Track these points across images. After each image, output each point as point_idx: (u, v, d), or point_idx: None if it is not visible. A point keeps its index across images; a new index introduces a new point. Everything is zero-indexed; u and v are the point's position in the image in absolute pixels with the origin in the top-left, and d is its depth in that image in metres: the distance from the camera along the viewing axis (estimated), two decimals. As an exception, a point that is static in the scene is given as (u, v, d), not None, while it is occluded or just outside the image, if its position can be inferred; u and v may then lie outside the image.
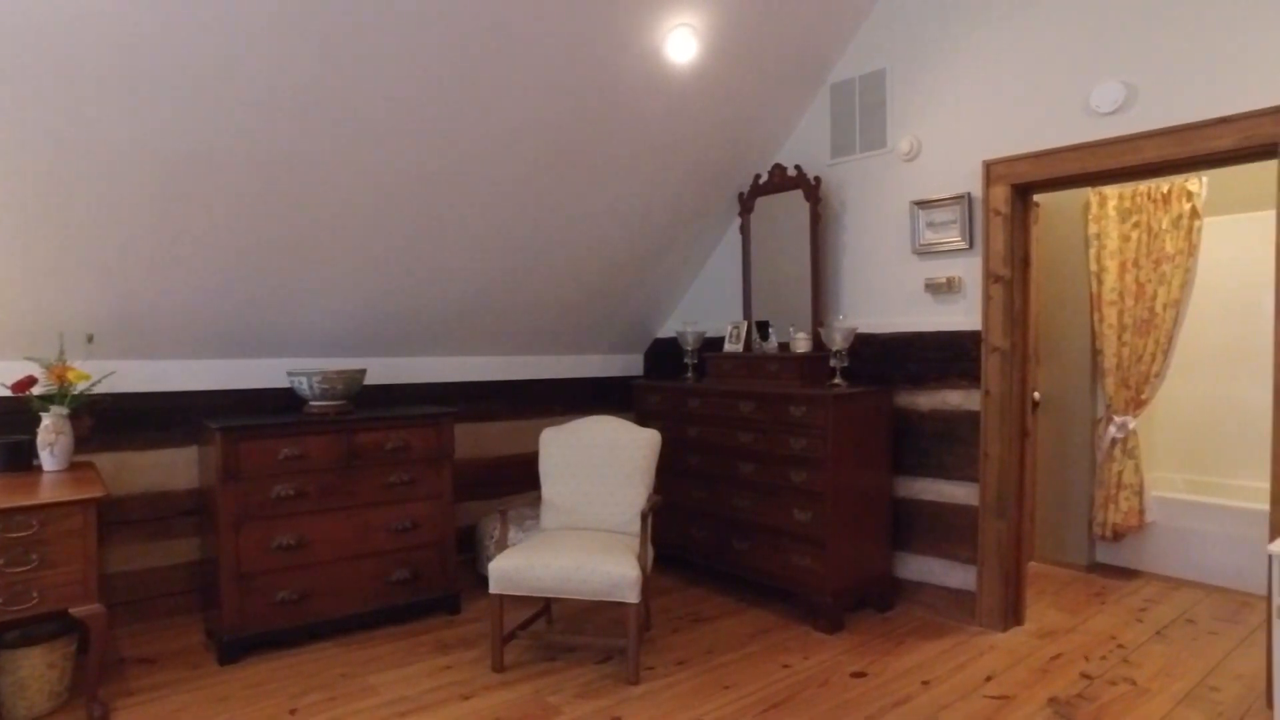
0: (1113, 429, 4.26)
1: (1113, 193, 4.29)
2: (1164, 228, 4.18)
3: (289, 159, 3.02)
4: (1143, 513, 4.24)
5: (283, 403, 3.79)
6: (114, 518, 3.40)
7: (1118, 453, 4.25)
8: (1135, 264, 4.25)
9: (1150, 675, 3.01)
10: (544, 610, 3.52)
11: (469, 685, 2.94)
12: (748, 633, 3.46)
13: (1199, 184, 4.11)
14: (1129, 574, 4.28)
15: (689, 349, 4.43)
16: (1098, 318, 4.33)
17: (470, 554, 4.35)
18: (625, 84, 3.49)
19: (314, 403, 3.49)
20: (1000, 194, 3.41)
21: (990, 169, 3.43)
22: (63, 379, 2.94)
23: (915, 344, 3.72)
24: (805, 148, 4.20)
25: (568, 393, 4.95)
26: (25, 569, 2.47)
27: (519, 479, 4.68)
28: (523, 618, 3.41)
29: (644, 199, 4.16)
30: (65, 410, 2.94)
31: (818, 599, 3.47)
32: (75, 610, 2.55)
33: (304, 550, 3.28)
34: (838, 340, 3.62)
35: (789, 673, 3.05)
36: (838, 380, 3.63)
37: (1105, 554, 4.42)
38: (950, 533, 3.61)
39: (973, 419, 3.51)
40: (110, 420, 3.37)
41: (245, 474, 3.15)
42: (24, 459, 2.99)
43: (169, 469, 3.54)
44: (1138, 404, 4.23)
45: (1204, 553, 4.12)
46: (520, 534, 3.93)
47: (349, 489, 3.39)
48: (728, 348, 4.29)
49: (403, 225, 3.52)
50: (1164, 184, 4.17)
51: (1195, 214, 4.11)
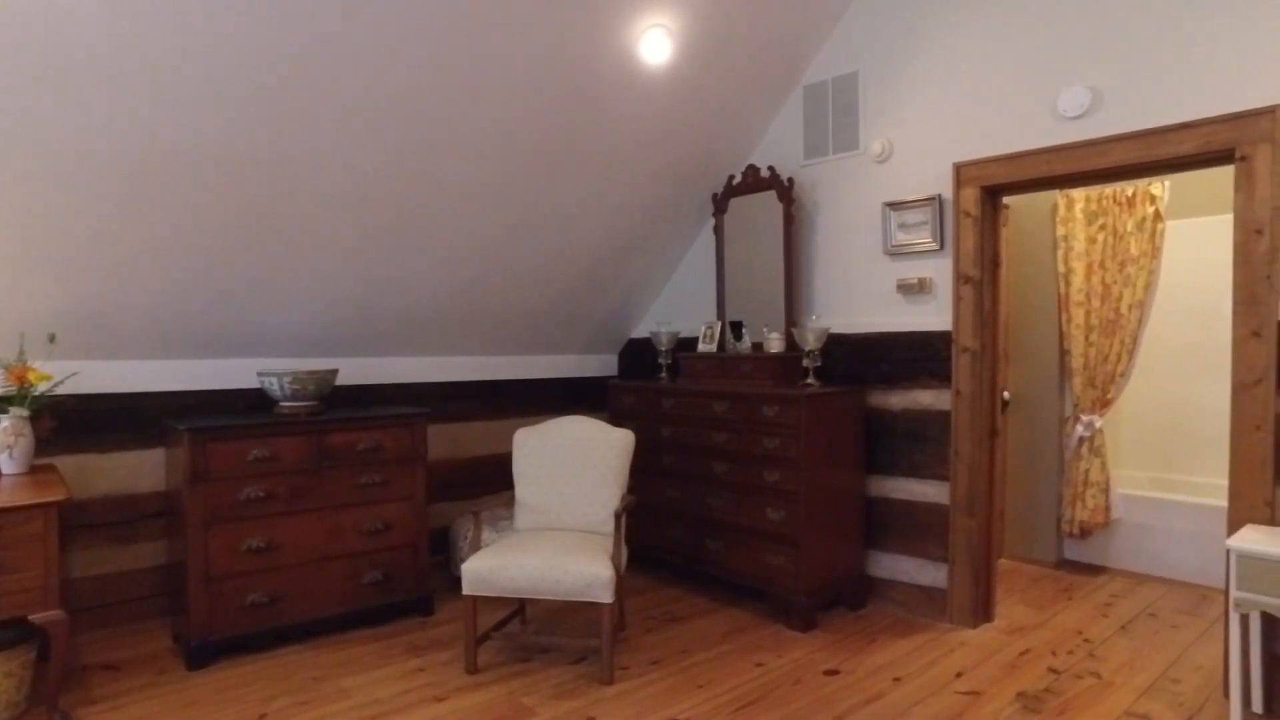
0: (1080, 428, 4.34)
1: (1080, 195, 4.37)
2: (1129, 230, 4.26)
3: (258, 155, 2.98)
4: (1109, 510, 4.32)
5: (253, 403, 3.74)
6: (77, 521, 3.33)
7: (1085, 451, 4.32)
8: (1101, 265, 4.33)
9: (1115, 668, 3.07)
10: (518, 611, 3.51)
11: (442, 687, 2.92)
12: (722, 632, 3.47)
13: (1162, 188, 4.20)
14: (1096, 570, 4.36)
15: (663, 349, 4.44)
16: (1065, 318, 4.40)
17: (444, 555, 4.32)
18: (600, 84, 3.48)
19: (285, 403, 3.44)
20: (970, 196, 3.45)
21: (960, 171, 3.48)
22: (23, 380, 2.87)
23: (887, 344, 3.76)
24: (779, 149, 4.22)
25: (542, 393, 4.94)
26: (-17, 575, 2.41)
27: (493, 480, 4.65)
28: (497, 619, 3.40)
29: (618, 199, 4.16)
30: (26, 412, 2.87)
31: (791, 598, 3.49)
32: (35, 617, 2.49)
33: (274, 553, 3.23)
34: (811, 340, 3.65)
35: (762, 671, 3.07)
36: (811, 380, 3.66)
37: (1073, 551, 4.50)
38: (922, 531, 3.65)
39: (943, 418, 3.56)
40: (73, 422, 3.30)
41: (214, 475, 3.10)
42: (-17, 462, 2.92)
43: (135, 471, 3.48)
44: (1104, 403, 4.31)
45: (1167, 548, 4.21)
46: (494, 535, 3.91)
47: (320, 490, 3.36)
48: (701, 348, 4.30)
49: (375, 224, 3.49)
50: (1129, 187, 4.25)
51: (1159, 217, 4.20)
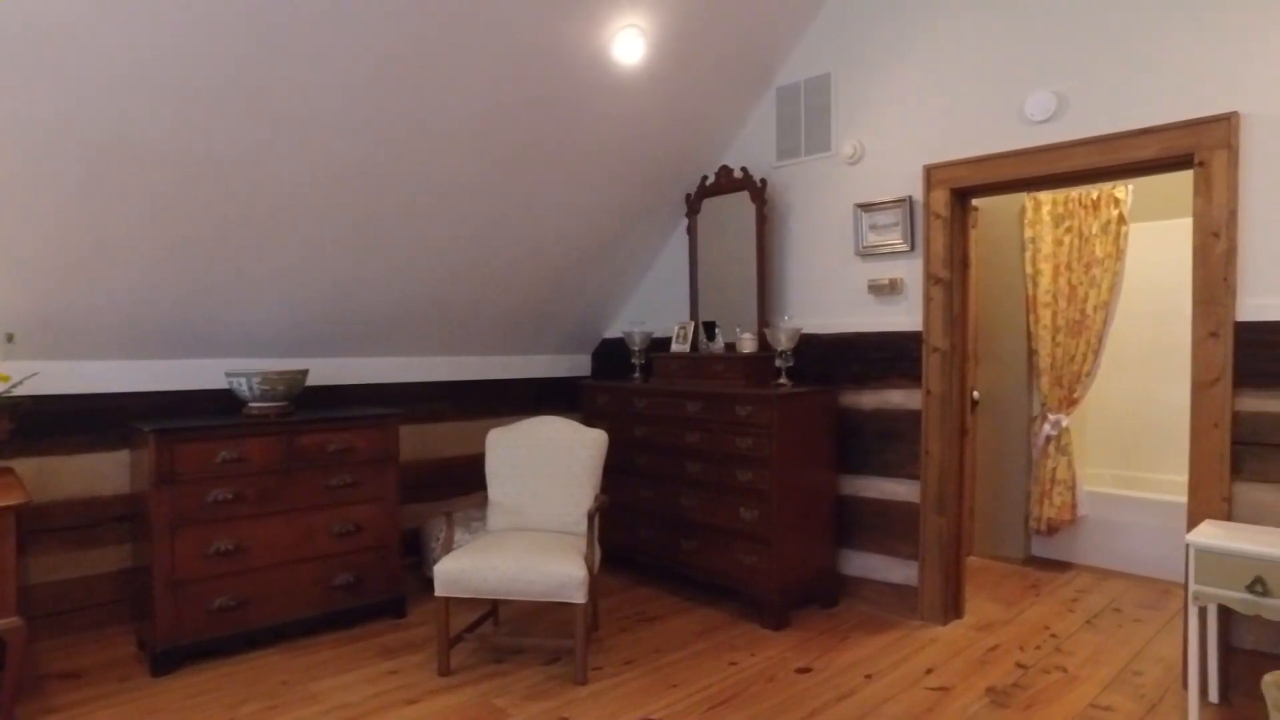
0: (1047, 427, 4.41)
1: (1047, 198, 4.44)
2: (1094, 233, 4.34)
3: (222, 151, 2.93)
4: (1075, 507, 4.40)
5: (221, 404, 3.67)
6: (37, 526, 3.25)
7: (1052, 450, 4.40)
8: (1068, 267, 4.41)
9: (1080, 663, 3.13)
10: (491, 612, 3.50)
11: (414, 690, 2.90)
12: (695, 631, 3.48)
13: (1125, 191, 4.29)
14: (1062, 566, 4.44)
15: (636, 349, 4.44)
16: (1033, 319, 4.48)
17: (416, 557, 4.28)
18: (573, 84, 3.48)
19: (254, 404, 3.39)
20: (940, 198, 3.50)
21: (931, 173, 3.52)
22: (-19, 380, 2.81)
23: (859, 344, 3.80)
24: (752, 150, 4.24)
25: (515, 393, 4.91)
26: (-62, 580, 2.35)
27: (465, 480, 4.62)
28: (469, 620, 3.37)
29: (591, 199, 4.15)
30: (-17, 413, 2.81)
31: (764, 596, 3.51)
32: (-8, 624, 2.43)
33: (243, 555, 3.18)
34: (783, 340, 3.67)
35: (736, 670, 3.08)
36: (783, 380, 3.68)
37: (1040, 547, 4.58)
38: (893, 529, 3.69)
39: (914, 418, 3.60)
40: (33, 424, 3.22)
41: (180, 478, 3.05)
42: (-62, 465, 2.85)
43: (97, 474, 3.40)
44: (1070, 403, 4.39)
45: (1130, 544, 4.30)
46: (467, 536, 3.88)
47: (290, 492, 3.31)
48: (674, 348, 4.31)
49: (346, 222, 3.45)
50: (1094, 191, 4.34)
51: (1123, 220, 4.29)
